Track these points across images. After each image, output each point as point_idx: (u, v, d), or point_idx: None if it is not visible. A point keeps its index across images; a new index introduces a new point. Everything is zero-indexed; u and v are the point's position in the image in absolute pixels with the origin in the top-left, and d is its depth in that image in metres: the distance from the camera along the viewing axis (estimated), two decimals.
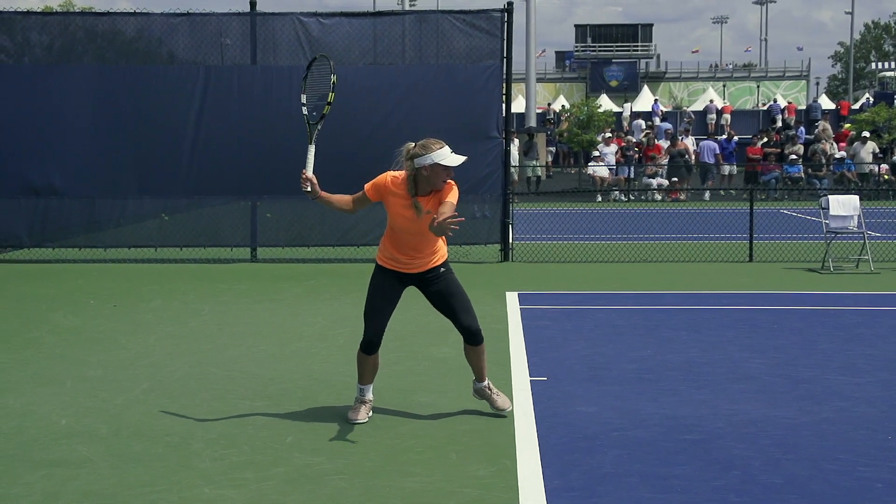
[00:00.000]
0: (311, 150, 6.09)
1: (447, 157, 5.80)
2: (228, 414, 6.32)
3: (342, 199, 6.18)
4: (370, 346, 6.13)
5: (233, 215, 14.29)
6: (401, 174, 5.94)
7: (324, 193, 6.08)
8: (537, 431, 5.90)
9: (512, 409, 6.33)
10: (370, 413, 6.21)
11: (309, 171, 6.02)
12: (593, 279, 12.61)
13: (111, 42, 14.30)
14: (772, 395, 6.76)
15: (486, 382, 6.33)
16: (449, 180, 5.88)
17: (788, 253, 14.49)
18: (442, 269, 6.14)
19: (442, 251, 6.17)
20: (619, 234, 17.49)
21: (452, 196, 5.84)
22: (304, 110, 6.25)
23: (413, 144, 5.88)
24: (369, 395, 6.25)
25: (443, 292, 6.12)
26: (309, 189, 6.00)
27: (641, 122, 37.99)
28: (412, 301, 10.36)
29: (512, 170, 16.85)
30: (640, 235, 17.57)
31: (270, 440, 5.78)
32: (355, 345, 8.31)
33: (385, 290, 6.12)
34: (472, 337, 6.17)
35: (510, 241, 14.27)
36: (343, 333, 8.94)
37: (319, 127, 6.15)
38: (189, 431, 5.93)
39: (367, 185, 6.05)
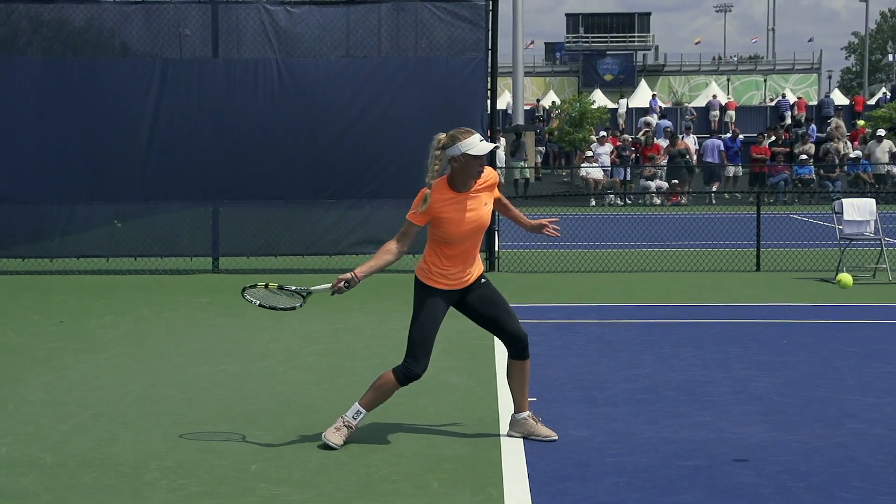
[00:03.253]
0: (307, 293, 6.07)
1: (476, 145, 5.93)
2: (186, 440, 6.29)
3: (382, 253, 6.02)
4: (410, 380, 6.10)
5: (192, 222, 14.25)
6: (433, 182, 5.98)
7: (359, 270, 5.94)
8: (525, 457, 5.90)
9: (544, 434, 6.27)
10: (346, 439, 6.15)
11: (328, 286, 5.97)
12: (586, 290, 12.62)
13: (58, 33, 14.24)
14: (781, 418, 6.77)
15: (527, 413, 6.30)
16: (486, 167, 6.04)
17: (799, 261, 14.55)
18: (483, 280, 6.25)
19: (480, 260, 6.33)
20: (615, 241, 17.51)
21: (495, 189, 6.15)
22: (290, 303, 6.19)
23: (443, 135, 6.02)
24: (359, 423, 6.20)
25: (487, 300, 6.18)
26: (346, 285, 5.90)
27: (648, 119, 38.02)
28: (388, 316, 10.34)
29: (498, 171, 16.88)
30: (637, 242, 17.62)
31: (233, 469, 5.75)
32: (325, 364, 8.35)
33: (438, 319, 6.10)
34: (521, 345, 6.19)
35: (496, 249, 14.27)
36: (312, 352, 8.93)
37: (281, 295, 6.16)
38: (142, 460, 5.90)
39: (409, 215, 6.01)
